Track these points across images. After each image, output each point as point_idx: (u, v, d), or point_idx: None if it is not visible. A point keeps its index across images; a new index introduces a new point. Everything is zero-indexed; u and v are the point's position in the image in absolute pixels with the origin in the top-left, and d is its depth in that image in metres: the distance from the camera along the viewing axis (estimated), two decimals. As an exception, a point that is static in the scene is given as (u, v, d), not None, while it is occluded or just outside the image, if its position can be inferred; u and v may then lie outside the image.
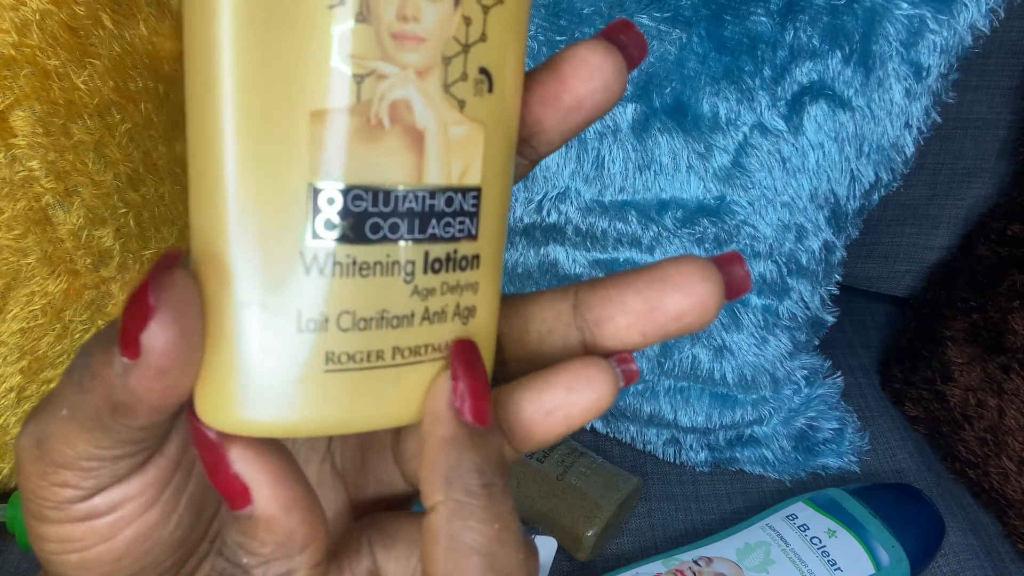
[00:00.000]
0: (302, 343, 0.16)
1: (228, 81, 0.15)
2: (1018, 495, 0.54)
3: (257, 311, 0.16)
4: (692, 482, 0.58)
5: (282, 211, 0.16)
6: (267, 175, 0.15)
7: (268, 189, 0.15)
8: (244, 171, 0.15)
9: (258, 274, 0.16)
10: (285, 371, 0.16)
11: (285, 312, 0.16)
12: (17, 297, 0.44)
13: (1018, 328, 0.55)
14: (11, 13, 0.41)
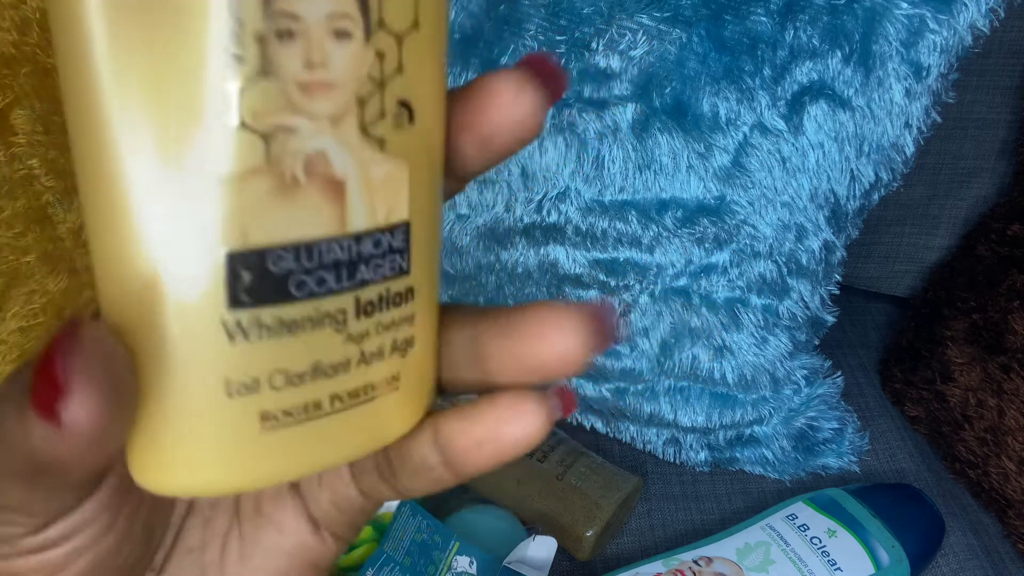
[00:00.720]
0: (234, 408, 0.15)
1: (124, 152, 0.14)
2: (1018, 495, 0.54)
3: (183, 382, 0.15)
4: (692, 482, 0.58)
5: (198, 282, 0.15)
6: (179, 246, 0.14)
7: (182, 261, 0.14)
8: (154, 243, 0.14)
9: (178, 347, 0.15)
10: (220, 436, 0.15)
11: (213, 381, 0.15)
12: (17, 296, 0.44)
13: (1018, 328, 0.55)
14: (11, 12, 0.41)
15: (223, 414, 0.15)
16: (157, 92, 0.14)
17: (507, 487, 0.53)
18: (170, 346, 0.15)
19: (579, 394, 0.57)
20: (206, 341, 0.15)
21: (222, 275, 0.15)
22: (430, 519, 0.48)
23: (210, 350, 0.15)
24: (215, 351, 0.15)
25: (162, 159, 0.14)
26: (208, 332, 0.15)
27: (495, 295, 0.55)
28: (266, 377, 0.15)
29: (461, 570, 0.47)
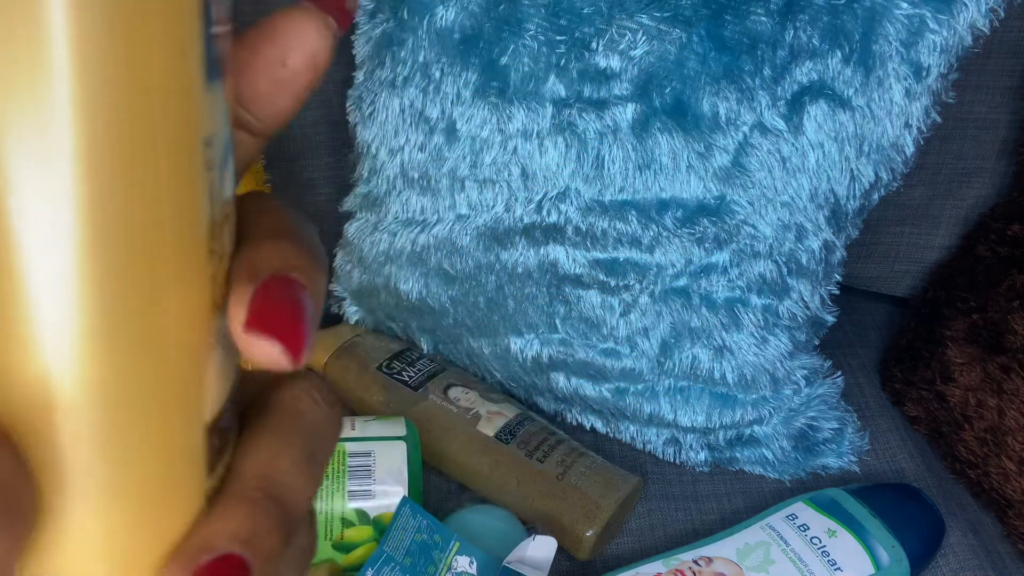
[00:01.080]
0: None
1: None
2: (1018, 495, 0.54)
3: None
4: (692, 482, 0.58)
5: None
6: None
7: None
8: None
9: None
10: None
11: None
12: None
13: (1018, 328, 0.55)
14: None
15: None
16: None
17: (507, 487, 0.53)
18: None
19: (579, 394, 0.57)
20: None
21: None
22: (430, 519, 0.48)
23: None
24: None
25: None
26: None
27: (495, 295, 0.55)
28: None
29: (461, 570, 0.47)
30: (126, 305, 0.13)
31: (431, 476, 0.58)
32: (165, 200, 0.13)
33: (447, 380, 0.59)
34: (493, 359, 0.59)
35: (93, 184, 0.12)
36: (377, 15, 0.54)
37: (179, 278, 0.13)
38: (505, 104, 0.51)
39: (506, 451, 0.54)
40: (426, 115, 0.53)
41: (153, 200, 0.13)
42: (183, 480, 0.15)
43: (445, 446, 0.56)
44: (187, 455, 0.14)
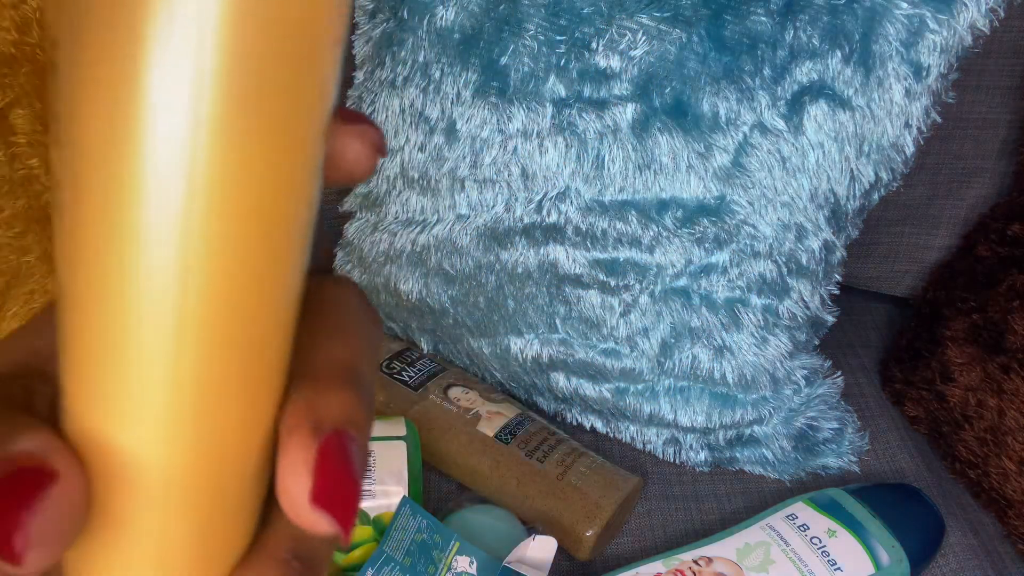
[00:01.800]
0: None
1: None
2: (1018, 495, 0.54)
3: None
4: (692, 482, 0.58)
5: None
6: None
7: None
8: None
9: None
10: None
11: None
12: (17, 295, 0.44)
13: (1018, 328, 0.55)
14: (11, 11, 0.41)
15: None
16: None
17: (507, 487, 0.53)
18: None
19: (579, 394, 0.57)
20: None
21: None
22: (430, 519, 0.48)
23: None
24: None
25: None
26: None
27: (495, 295, 0.55)
28: None
29: (461, 570, 0.47)
30: (218, 405, 0.14)
31: (431, 476, 0.58)
32: (273, 322, 0.14)
33: (447, 380, 0.59)
34: (493, 359, 0.59)
35: (206, 306, 0.13)
36: (377, 15, 0.54)
37: (266, 381, 0.15)
38: (505, 104, 0.51)
39: (506, 451, 0.54)
40: (426, 115, 0.53)
41: (261, 320, 0.14)
42: (239, 543, 0.16)
43: (445, 446, 0.56)
44: (248, 520, 0.16)
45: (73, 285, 0.13)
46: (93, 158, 0.12)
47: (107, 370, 0.13)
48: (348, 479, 0.15)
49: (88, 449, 0.14)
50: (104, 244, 0.12)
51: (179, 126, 0.12)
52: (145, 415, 0.14)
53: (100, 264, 0.12)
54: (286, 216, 0.13)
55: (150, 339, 0.13)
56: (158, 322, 0.13)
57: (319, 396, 0.15)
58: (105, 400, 0.14)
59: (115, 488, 0.14)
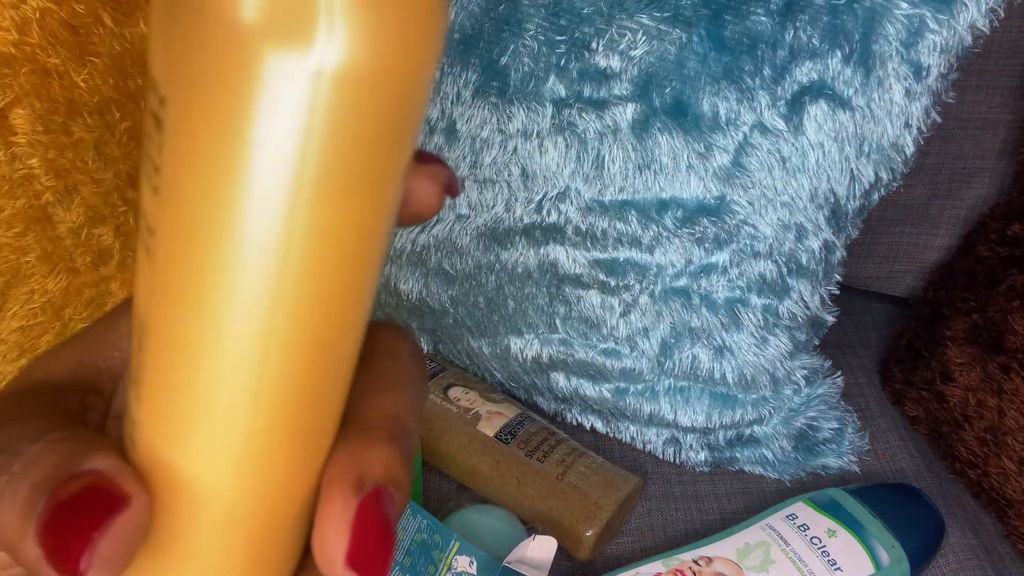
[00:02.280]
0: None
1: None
2: (1018, 495, 0.54)
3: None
4: (692, 482, 0.58)
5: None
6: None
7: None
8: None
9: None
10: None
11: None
12: (17, 295, 0.44)
13: (1018, 328, 0.55)
14: (11, 11, 0.41)
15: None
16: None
17: (507, 487, 0.53)
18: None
19: (579, 394, 0.57)
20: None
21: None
22: (430, 519, 0.48)
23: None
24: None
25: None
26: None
27: (495, 295, 0.55)
28: None
29: (461, 570, 0.47)
30: (283, 448, 0.15)
31: (431, 476, 0.58)
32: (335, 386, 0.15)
33: (447, 380, 0.59)
34: (493, 359, 0.59)
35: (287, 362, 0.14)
36: (377, 15, 0.54)
37: (326, 428, 0.16)
38: (505, 104, 0.51)
39: (506, 451, 0.54)
40: (426, 115, 0.53)
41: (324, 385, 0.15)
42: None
43: (445, 446, 0.56)
44: (291, 559, 0.17)
45: (161, 328, 0.14)
46: (195, 214, 0.13)
47: (187, 409, 0.14)
48: (383, 542, 0.15)
49: (157, 477, 0.15)
50: (196, 292, 0.13)
51: (281, 193, 0.13)
52: (217, 453, 0.14)
53: (192, 314, 0.14)
54: (366, 272, 0.14)
55: (232, 387, 0.14)
56: (242, 371, 0.14)
57: (365, 449, 0.15)
58: (181, 435, 0.15)
59: (178, 516, 0.15)
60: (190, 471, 0.15)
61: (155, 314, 0.14)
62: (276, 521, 0.16)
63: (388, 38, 0.12)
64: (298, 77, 0.12)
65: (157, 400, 0.15)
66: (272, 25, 0.12)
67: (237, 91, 0.12)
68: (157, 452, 0.15)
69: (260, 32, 0.12)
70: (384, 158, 0.13)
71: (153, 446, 0.15)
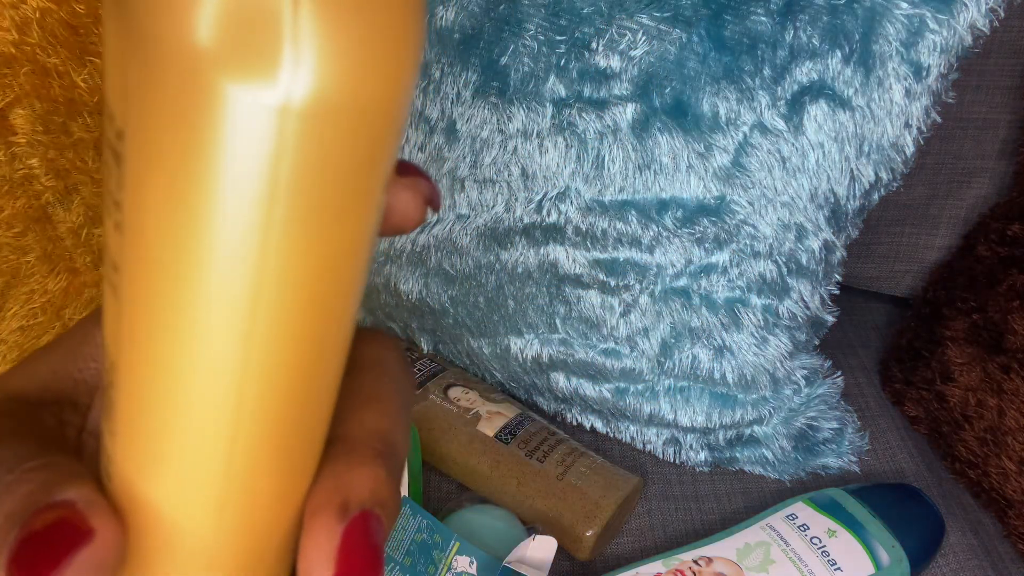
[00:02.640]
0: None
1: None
2: (1018, 495, 0.54)
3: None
4: (692, 482, 0.58)
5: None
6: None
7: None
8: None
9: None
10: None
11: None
12: (17, 295, 0.44)
13: (1018, 328, 0.55)
14: (11, 11, 0.41)
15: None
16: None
17: (507, 487, 0.53)
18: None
19: (579, 394, 0.57)
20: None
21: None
22: (430, 519, 0.48)
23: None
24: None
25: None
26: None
27: (495, 295, 0.55)
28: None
29: (461, 570, 0.47)
30: (264, 479, 0.15)
31: (431, 476, 0.58)
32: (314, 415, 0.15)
33: (447, 380, 0.59)
34: (493, 359, 0.59)
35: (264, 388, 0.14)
36: (377, 15, 0.54)
37: (309, 455, 0.15)
38: (505, 104, 0.51)
39: (506, 451, 0.54)
40: (426, 115, 0.53)
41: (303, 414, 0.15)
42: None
43: (445, 446, 0.56)
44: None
45: (130, 366, 0.13)
46: (159, 252, 0.12)
47: (162, 448, 0.14)
48: (370, 569, 0.15)
49: (134, 512, 0.14)
50: (165, 333, 0.13)
51: (247, 231, 0.12)
52: (196, 491, 0.14)
53: (161, 353, 0.13)
54: (344, 298, 0.14)
55: (207, 425, 0.13)
56: (217, 409, 0.13)
57: (350, 471, 0.15)
58: (157, 473, 0.14)
59: (156, 551, 0.15)
60: (167, 508, 0.14)
61: (124, 352, 0.13)
62: (259, 554, 0.15)
63: (361, 66, 0.11)
64: (262, 112, 0.11)
65: (131, 437, 0.14)
66: (233, 55, 0.11)
67: (197, 126, 0.11)
68: (133, 488, 0.14)
69: (220, 62, 0.11)
70: (359, 188, 0.12)
71: (128, 481, 0.14)
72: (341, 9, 0.11)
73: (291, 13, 0.10)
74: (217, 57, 0.11)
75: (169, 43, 0.11)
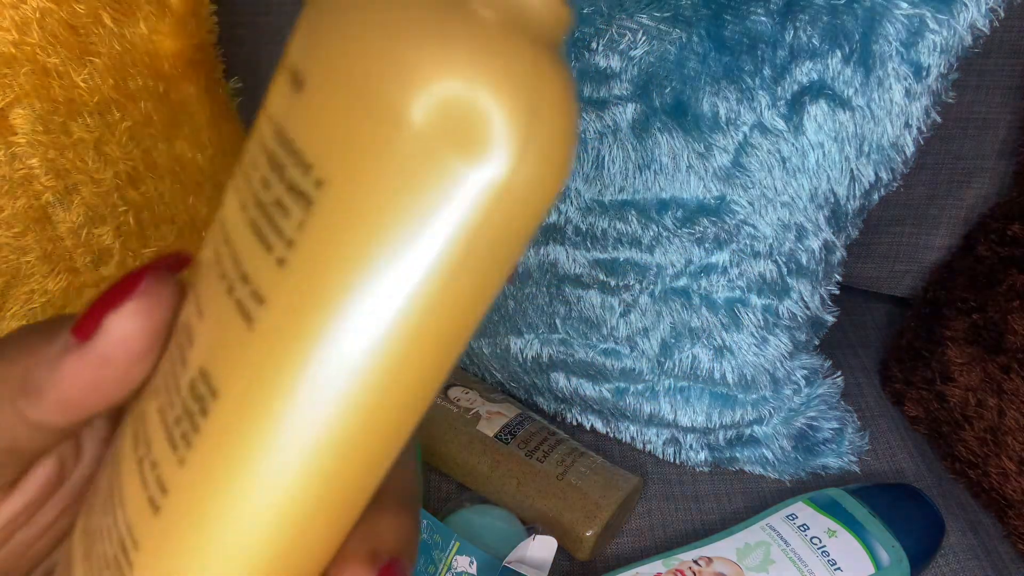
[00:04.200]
0: None
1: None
2: (1018, 495, 0.54)
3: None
4: (692, 482, 0.58)
5: None
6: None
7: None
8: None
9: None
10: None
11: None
12: (17, 295, 0.44)
13: (1018, 328, 0.55)
14: (11, 11, 0.41)
15: None
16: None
17: (507, 487, 0.53)
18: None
19: (579, 394, 0.57)
20: None
21: None
22: (430, 519, 0.48)
23: None
24: None
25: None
26: None
27: (495, 295, 0.55)
28: None
29: (461, 570, 0.47)
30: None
31: (431, 476, 0.58)
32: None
33: (447, 380, 0.59)
34: (493, 359, 0.59)
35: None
36: (377, 15, 0.54)
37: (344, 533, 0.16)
38: (505, 104, 0.51)
39: (506, 451, 0.54)
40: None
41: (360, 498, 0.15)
42: None
43: (445, 446, 0.56)
44: None
45: (240, 396, 0.14)
46: (332, 303, 0.13)
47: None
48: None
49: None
50: (305, 374, 0.14)
51: (427, 295, 0.13)
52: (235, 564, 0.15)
53: (293, 391, 0.14)
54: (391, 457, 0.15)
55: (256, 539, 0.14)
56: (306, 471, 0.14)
57: (379, 521, 0.16)
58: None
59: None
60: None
61: (236, 379, 0.14)
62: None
63: (545, 156, 0.13)
64: (471, 186, 0.13)
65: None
66: (452, 136, 0.12)
67: (416, 193, 0.13)
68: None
69: (442, 142, 0.12)
70: (510, 264, 0.14)
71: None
72: (548, 117, 0.13)
73: (529, 120, 0.13)
74: (441, 136, 0.12)
75: (404, 124, 0.12)
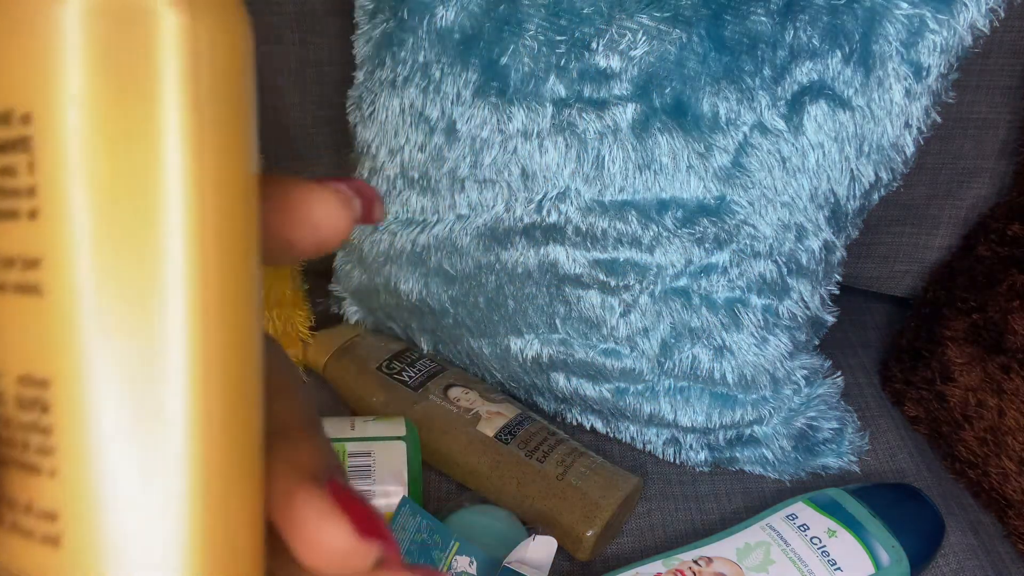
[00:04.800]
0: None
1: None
2: (1018, 495, 0.54)
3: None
4: (692, 482, 0.58)
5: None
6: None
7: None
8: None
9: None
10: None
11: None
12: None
13: (1018, 328, 0.55)
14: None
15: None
16: None
17: (507, 487, 0.53)
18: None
19: (579, 394, 0.57)
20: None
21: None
22: (430, 519, 0.48)
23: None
24: None
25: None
26: None
27: (495, 295, 0.55)
28: None
29: (461, 570, 0.47)
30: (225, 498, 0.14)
31: (431, 476, 0.58)
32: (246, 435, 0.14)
33: (447, 380, 0.59)
34: (493, 359, 0.59)
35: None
36: (377, 15, 0.54)
37: (256, 460, 0.15)
38: (505, 104, 0.51)
39: (506, 451, 0.54)
40: (426, 115, 0.53)
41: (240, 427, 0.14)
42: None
43: (445, 446, 0.56)
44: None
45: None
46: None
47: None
48: (375, 516, 0.14)
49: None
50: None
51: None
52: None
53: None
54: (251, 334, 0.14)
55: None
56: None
57: (297, 452, 0.15)
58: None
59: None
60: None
61: (60, 352, 0.13)
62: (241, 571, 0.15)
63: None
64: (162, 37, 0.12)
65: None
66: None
67: (113, 56, 0.12)
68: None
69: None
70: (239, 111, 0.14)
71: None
72: None
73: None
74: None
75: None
